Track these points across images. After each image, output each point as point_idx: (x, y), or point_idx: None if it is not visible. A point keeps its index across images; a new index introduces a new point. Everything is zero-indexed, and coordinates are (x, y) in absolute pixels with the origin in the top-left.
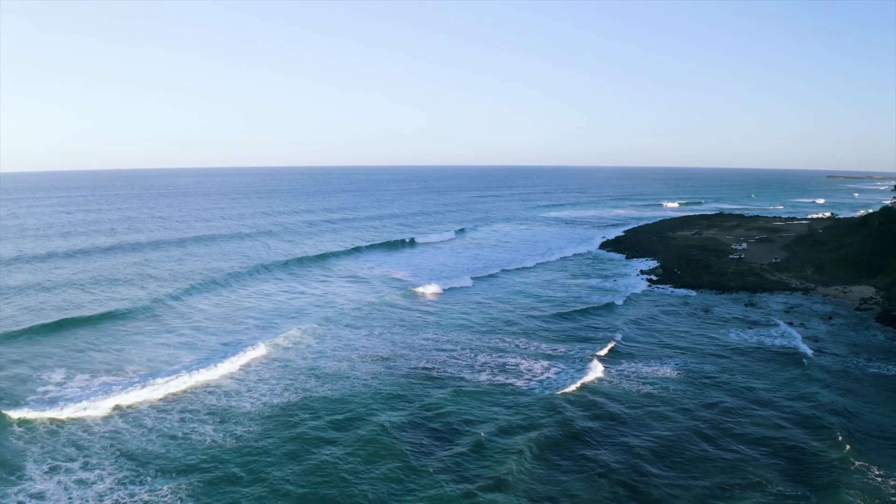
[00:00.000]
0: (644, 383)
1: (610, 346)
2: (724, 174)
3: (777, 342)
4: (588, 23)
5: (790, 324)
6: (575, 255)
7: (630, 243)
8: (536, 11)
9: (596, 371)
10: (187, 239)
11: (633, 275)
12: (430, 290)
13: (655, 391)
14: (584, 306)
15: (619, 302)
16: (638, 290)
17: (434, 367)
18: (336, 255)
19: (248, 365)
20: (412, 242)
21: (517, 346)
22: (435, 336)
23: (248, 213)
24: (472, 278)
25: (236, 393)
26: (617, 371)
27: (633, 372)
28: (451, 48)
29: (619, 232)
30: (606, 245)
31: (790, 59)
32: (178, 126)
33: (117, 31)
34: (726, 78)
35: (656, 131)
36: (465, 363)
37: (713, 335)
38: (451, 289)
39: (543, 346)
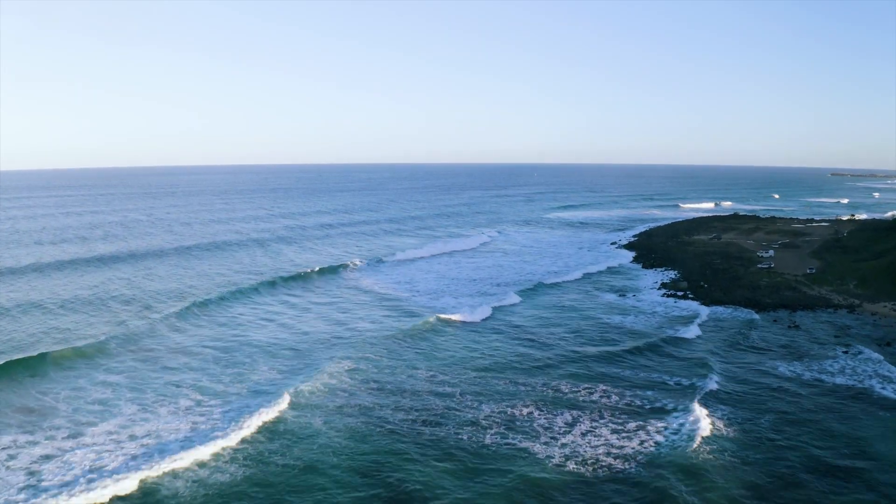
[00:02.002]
0: (764, 449)
1: (699, 397)
2: (727, 172)
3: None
4: (587, 22)
5: None
6: (608, 268)
7: (644, 249)
8: (536, 11)
9: (698, 437)
10: (188, 247)
11: (654, 289)
12: (475, 312)
13: (784, 459)
14: (647, 337)
15: (686, 332)
16: (698, 313)
17: (490, 433)
18: (357, 267)
19: (232, 447)
20: (440, 251)
21: (588, 394)
22: (486, 380)
23: (255, 214)
24: (518, 293)
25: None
26: (725, 434)
27: (746, 434)
28: (450, 48)
29: (633, 235)
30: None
31: (790, 57)
32: (179, 125)
33: (118, 31)
34: (725, 76)
35: (656, 129)
36: (531, 424)
37: (805, 373)
38: (496, 308)
39: (615, 396)
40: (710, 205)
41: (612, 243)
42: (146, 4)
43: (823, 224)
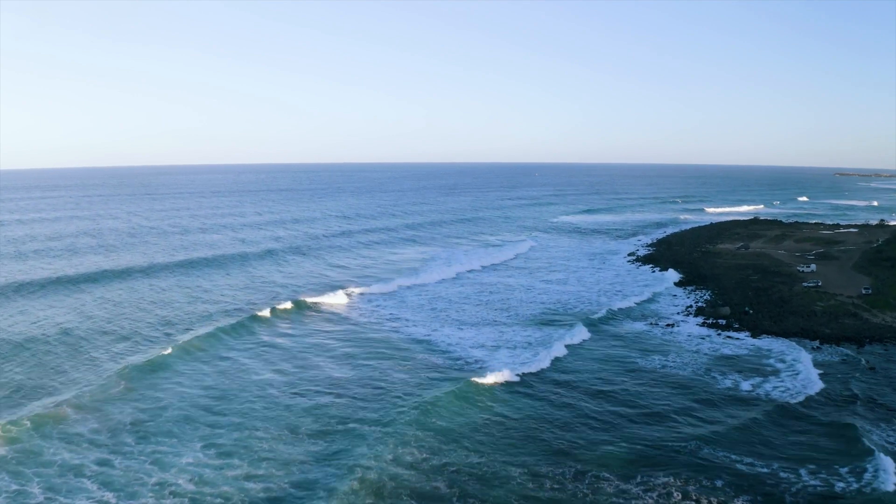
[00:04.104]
0: None
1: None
2: (732, 172)
3: None
4: (588, 19)
5: None
6: (658, 292)
7: (668, 262)
8: (537, 9)
9: None
10: (183, 261)
11: (687, 314)
12: (518, 365)
13: None
14: (704, 397)
15: (751, 384)
16: (759, 352)
17: None
18: (382, 290)
19: None
20: (474, 265)
21: (643, 494)
22: (500, 471)
23: (260, 219)
24: (586, 324)
25: None
26: None
27: None
28: (450, 44)
29: (649, 245)
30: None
31: (793, 56)
32: (179, 123)
33: (118, 28)
34: (727, 76)
35: (656, 128)
36: None
37: None
38: (570, 347)
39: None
40: (745, 208)
41: (628, 254)
42: (147, 2)
43: (852, 230)
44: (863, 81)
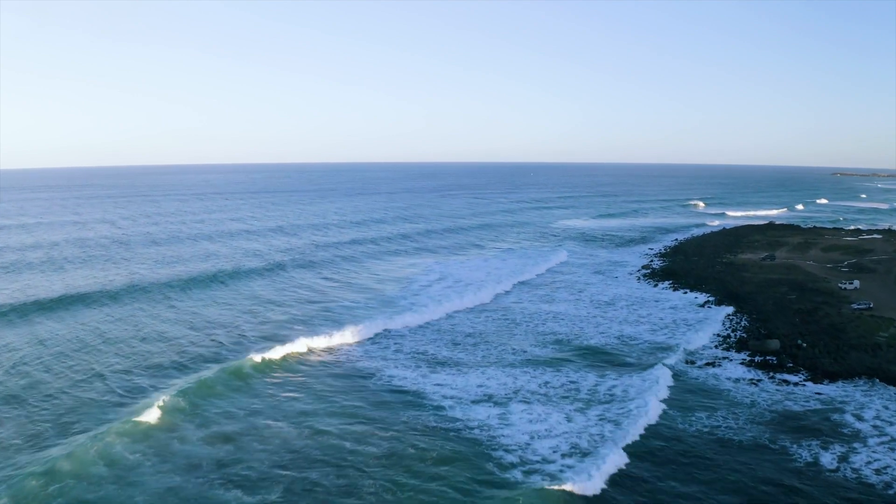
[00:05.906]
0: None
1: None
2: (733, 171)
3: None
4: (588, 19)
5: None
6: (691, 319)
7: (692, 278)
8: (537, 9)
9: None
10: (179, 279)
11: (722, 347)
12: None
13: None
14: None
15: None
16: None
17: None
18: (401, 326)
19: None
20: (507, 285)
21: None
22: None
23: (263, 225)
24: (669, 369)
25: None
26: None
27: None
28: (451, 45)
29: (660, 256)
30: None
31: (792, 56)
32: (179, 123)
33: (118, 28)
34: (725, 75)
35: (656, 128)
36: None
37: None
38: (674, 410)
39: None
40: (772, 212)
41: (643, 266)
42: (147, 2)
43: (877, 236)
44: (862, 81)
